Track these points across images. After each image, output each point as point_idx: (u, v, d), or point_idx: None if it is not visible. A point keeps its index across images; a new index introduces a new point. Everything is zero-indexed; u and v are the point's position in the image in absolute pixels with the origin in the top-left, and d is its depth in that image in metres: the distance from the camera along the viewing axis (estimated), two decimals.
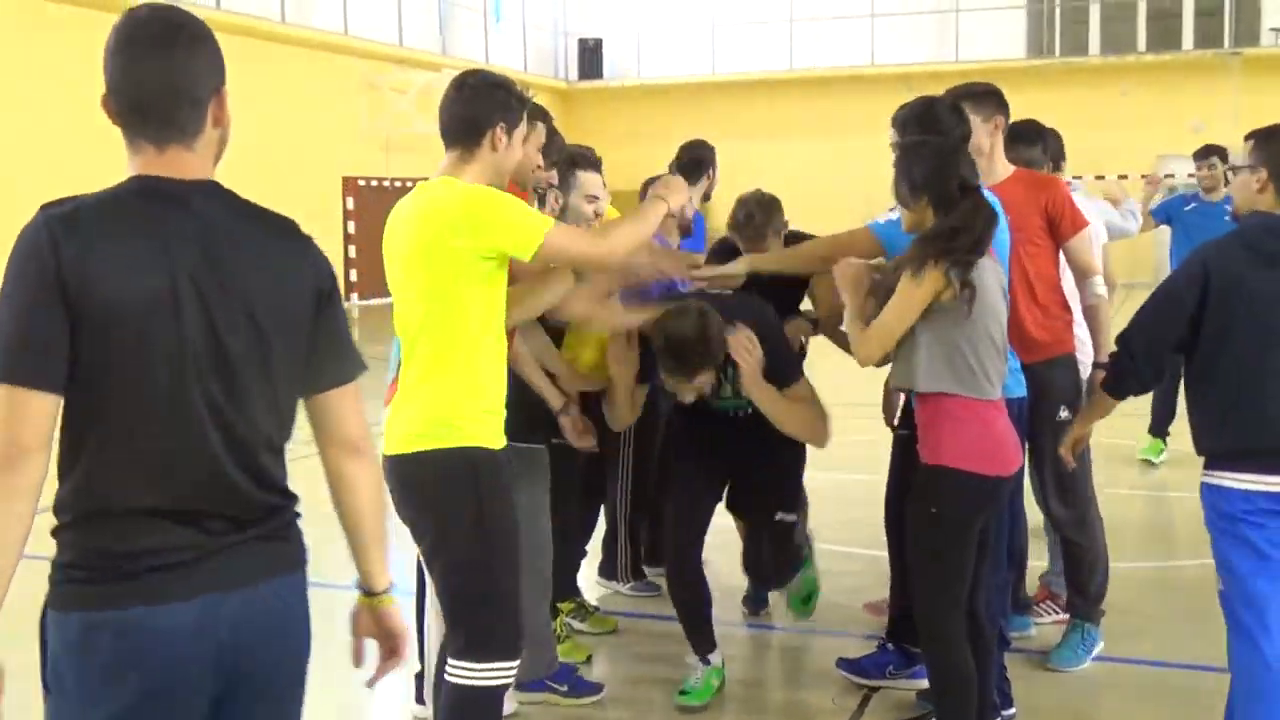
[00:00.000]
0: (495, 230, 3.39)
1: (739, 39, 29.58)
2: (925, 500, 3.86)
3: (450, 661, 3.47)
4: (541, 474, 4.57)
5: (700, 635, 4.83)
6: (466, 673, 3.44)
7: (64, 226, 2.12)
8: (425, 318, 3.44)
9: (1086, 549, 5.05)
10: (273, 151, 21.41)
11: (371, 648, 2.58)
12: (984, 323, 3.79)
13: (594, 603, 5.80)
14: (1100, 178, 26.48)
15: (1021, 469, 4.08)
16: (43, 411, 2.09)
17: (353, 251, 23.08)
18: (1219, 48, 27.24)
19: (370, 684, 2.59)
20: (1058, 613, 5.58)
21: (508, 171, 3.65)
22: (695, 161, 5.92)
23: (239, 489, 2.24)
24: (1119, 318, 4.31)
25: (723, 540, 5.39)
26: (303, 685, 2.41)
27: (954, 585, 3.87)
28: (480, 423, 3.43)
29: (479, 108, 3.55)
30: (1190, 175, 11.29)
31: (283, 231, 2.40)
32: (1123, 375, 3.88)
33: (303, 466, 2.74)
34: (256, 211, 2.37)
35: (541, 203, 4.78)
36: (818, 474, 7.70)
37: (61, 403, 2.12)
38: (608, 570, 6.14)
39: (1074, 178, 6.46)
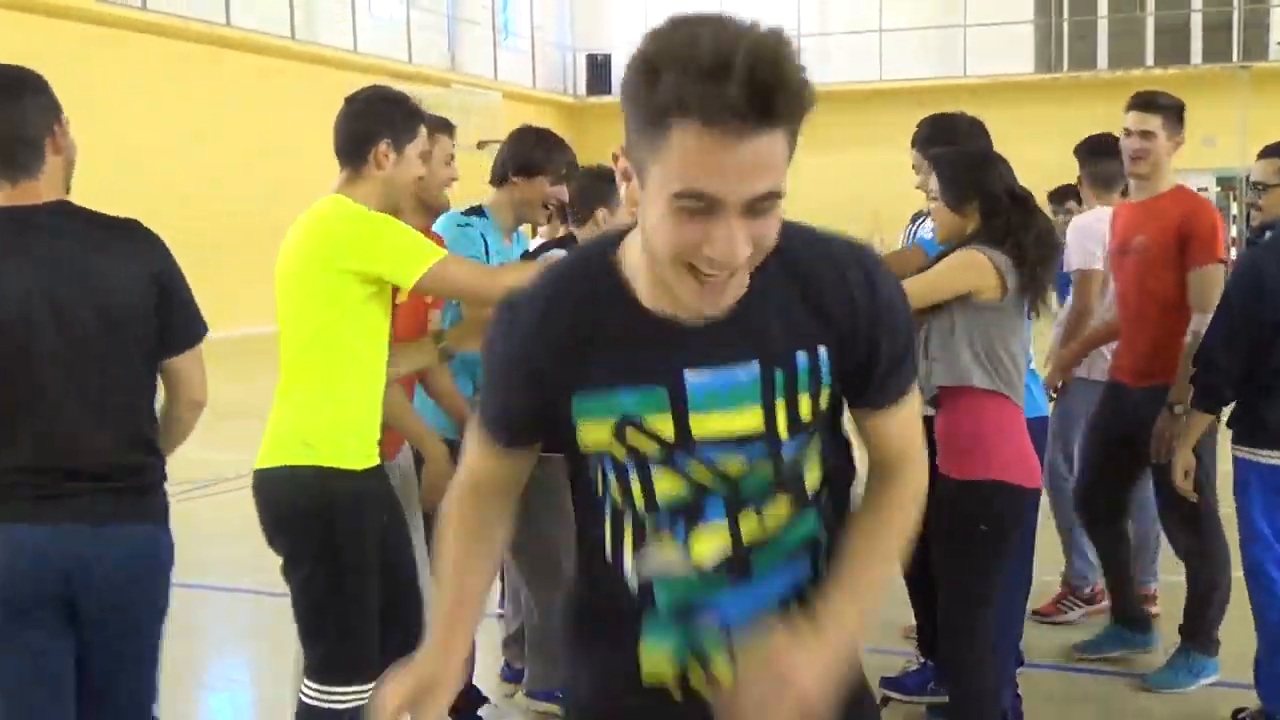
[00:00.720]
0: (378, 255, 3.20)
1: None
2: (970, 518, 3.71)
3: (304, 680, 3.39)
4: (554, 484, 4.53)
5: None
6: (315, 694, 3.34)
7: None
8: (296, 335, 3.30)
9: (1205, 577, 4.85)
10: (281, 167, 21.49)
11: None
12: (1020, 329, 3.77)
13: None
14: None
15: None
16: None
17: None
18: (1227, 61, 27.25)
19: None
20: (1079, 607, 5.60)
21: (404, 188, 3.48)
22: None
23: (103, 450, 2.84)
24: None
25: None
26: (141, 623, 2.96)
27: (993, 602, 3.80)
28: (340, 444, 3.25)
29: (364, 124, 3.38)
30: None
31: (123, 233, 2.94)
32: (1212, 389, 4.00)
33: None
34: (100, 220, 2.92)
35: (566, 218, 4.77)
36: None
37: None
38: None
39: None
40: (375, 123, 3.36)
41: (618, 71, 27.49)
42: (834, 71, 29.44)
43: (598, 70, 31.39)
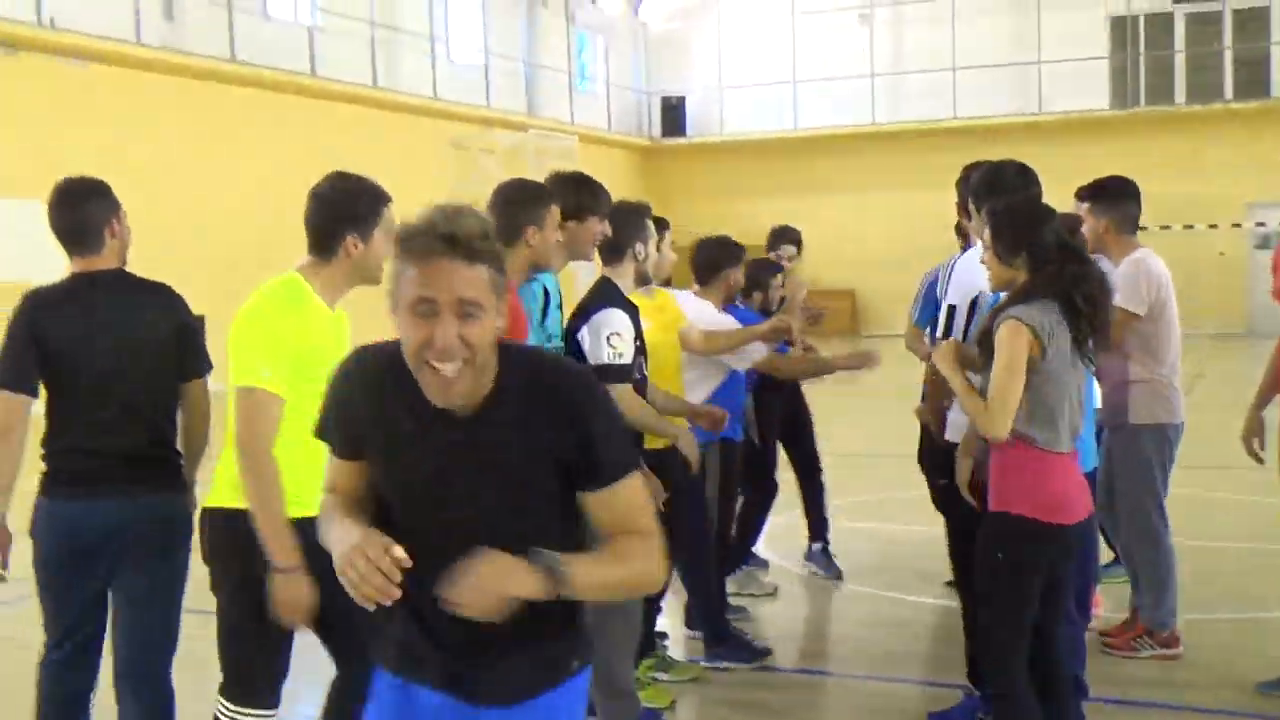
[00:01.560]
0: (231, 347, 3.60)
1: (820, 94, 29.79)
2: (990, 546, 3.98)
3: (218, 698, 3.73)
4: None
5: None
6: (229, 712, 3.70)
7: (34, 300, 4.07)
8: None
9: None
10: None
11: None
12: (1066, 377, 3.91)
13: (676, 651, 5.87)
14: (1189, 227, 26.27)
15: (1088, 521, 4.13)
16: (24, 404, 3.92)
17: None
18: None
19: None
20: (1154, 649, 5.61)
21: (375, 270, 3.75)
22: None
23: (131, 444, 3.98)
24: (1211, 365, 4.35)
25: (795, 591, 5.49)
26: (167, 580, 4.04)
27: (1018, 630, 3.96)
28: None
29: (333, 215, 3.81)
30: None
31: (156, 293, 4.24)
32: None
33: None
34: (142, 283, 4.23)
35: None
36: (883, 525, 7.82)
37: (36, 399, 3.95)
38: (688, 618, 6.22)
39: (1161, 227, 6.48)
40: (347, 214, 3.81)
41: (692, 113, 28.03)
42: (907, 110, 29.50)
43: (672, 113, 31.70)
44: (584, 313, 4.62)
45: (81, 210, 4.18)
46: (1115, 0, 28.07)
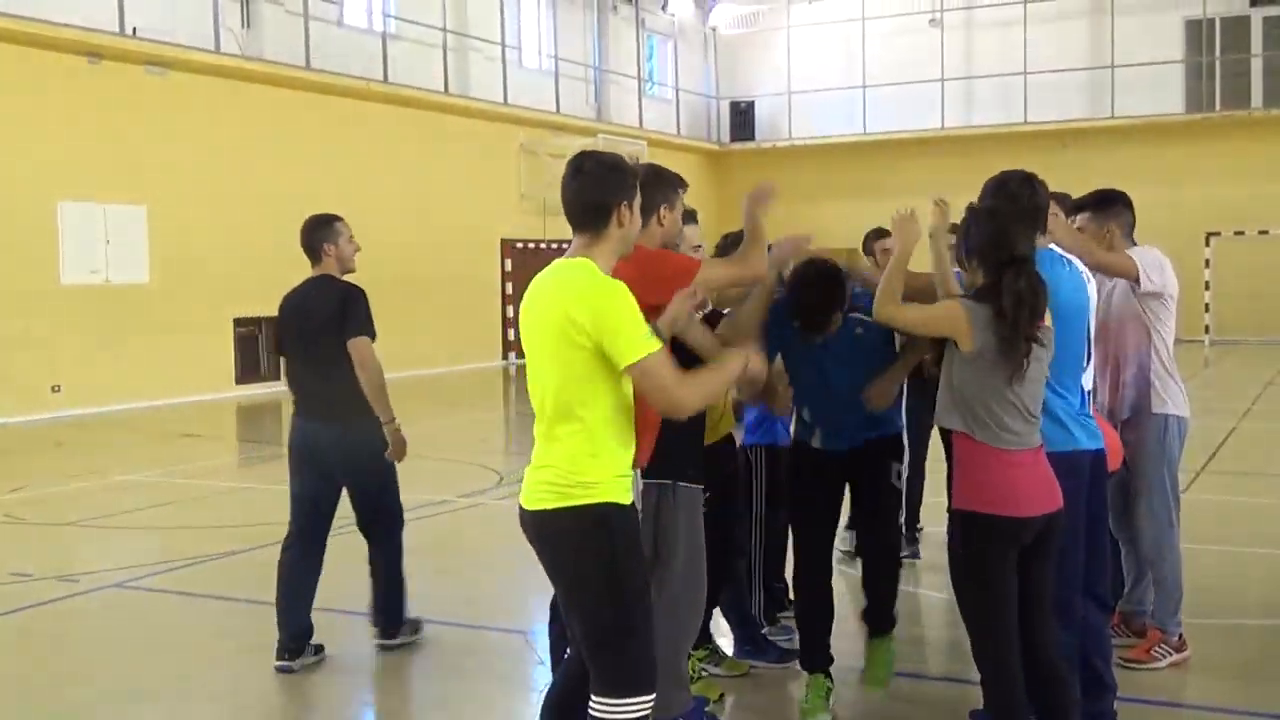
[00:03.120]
0: (608, 333, 3.54)
1: (889, 99, 29.70)
2: (954, 544, 4.16)
3: (593, 698, 3.68)
4: (698, 514, 4.77)
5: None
6: (607, 708, 3.64)
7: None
8: (557, 391, 3.63)
9: None
10: (436, 215, 22.28)
11: None
12: (1000, 374, 4.01)
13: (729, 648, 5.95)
14: (1264, 232, 25.87)
15: (1054, 515, 4.10)
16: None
17: (510, 311, 23.75)
18: None
19: None
20: (1171, 654, 5.56)
21: (633, 242, 3.86)
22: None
23: (321, 388, 6.02)
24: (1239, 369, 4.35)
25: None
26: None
27: (995, 625, 4.04)
28: (612, 483, 3.63)
29: (604, 190, 3.78)
30: None
31: (331, 283, 6.10)
32: None
33: None
34: (328, 280, 6.14)
35: None
36: (929, 528, 7.82)
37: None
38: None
39: (1235, 233, 6.41)
40: (614, 188, 3.81)
41: (761, 118, 28.06)
42: (979, 114, 29.33)
43: (740, 117, 31.75)
44: None
45: (310, 236, 6.17)
46: (1191, 3, 27.72)
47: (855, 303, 5.16)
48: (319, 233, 6.14)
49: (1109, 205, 5.67)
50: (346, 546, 6.49)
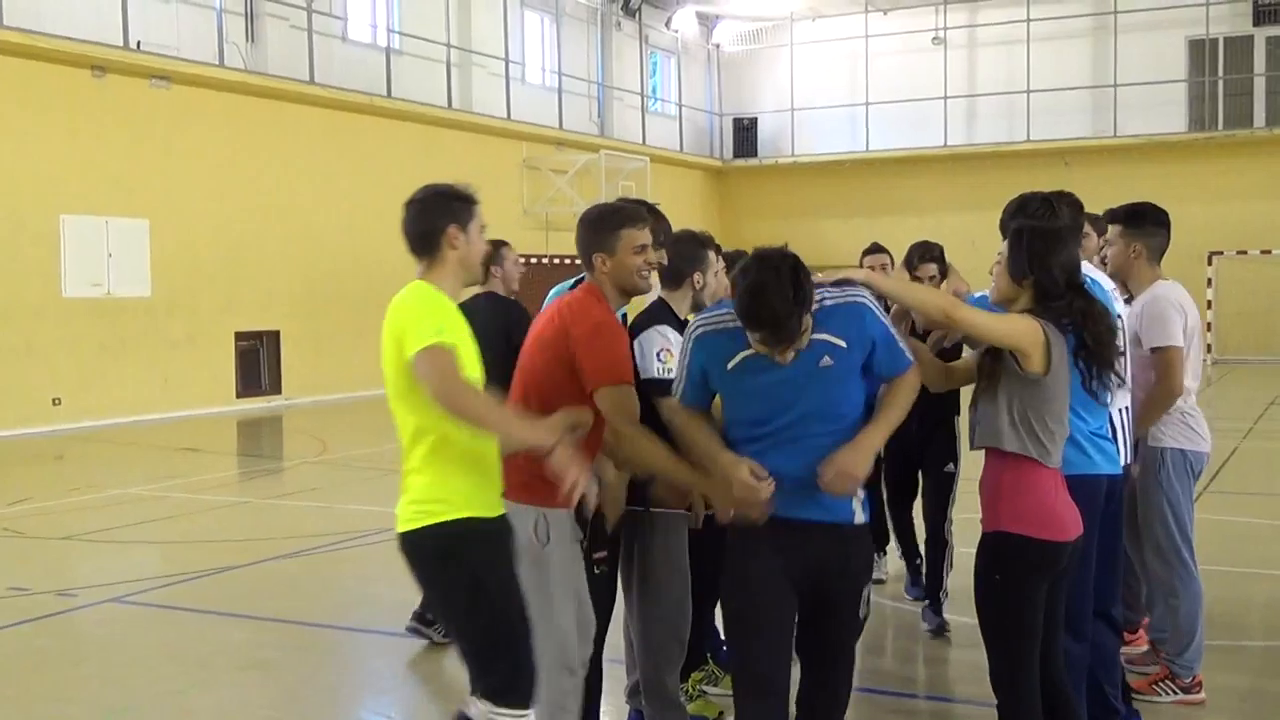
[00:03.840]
0: (405, 332, 3.71)
1: (892, 116, 29.73)
2: (987, 567, 4.01)
3: (477, 701, 3.77)
4: (679, 538, 4.76)
5: None
6: (492, 714, 3.75)
7: None
8: (406, 414, 3.76)
9: None
10: None
11: None
12: (1063, 396, 3.97)
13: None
14: (1266, 251, 25.87)
15: (1081, 539, 4.05)
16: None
17: None
18: None
19: None
20: (1177, 694, 5.38)
21: (474, 263, 3.99)
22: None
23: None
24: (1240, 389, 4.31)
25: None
26: None
27: (1022, 651, 3.96)
28: (471, 499, 3.73)
29: (430, 218, 3.96)
30: None
31: (496, 300, 6.24)
32: None
33: None
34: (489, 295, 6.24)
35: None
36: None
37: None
38: None
39: (1238, 252, 6.28)
40: (443, 214, 3.98)
41: (764, 135, 28.10)
42: (981, 133, 29.35)
43: (743, 134, 31.79)
44: (636, 329, 4.72)
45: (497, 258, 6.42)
46: (1194, 23, 27.76)
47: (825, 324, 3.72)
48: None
49: (1139, 222, 5.39)
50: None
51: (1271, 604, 7.35)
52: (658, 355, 4.61)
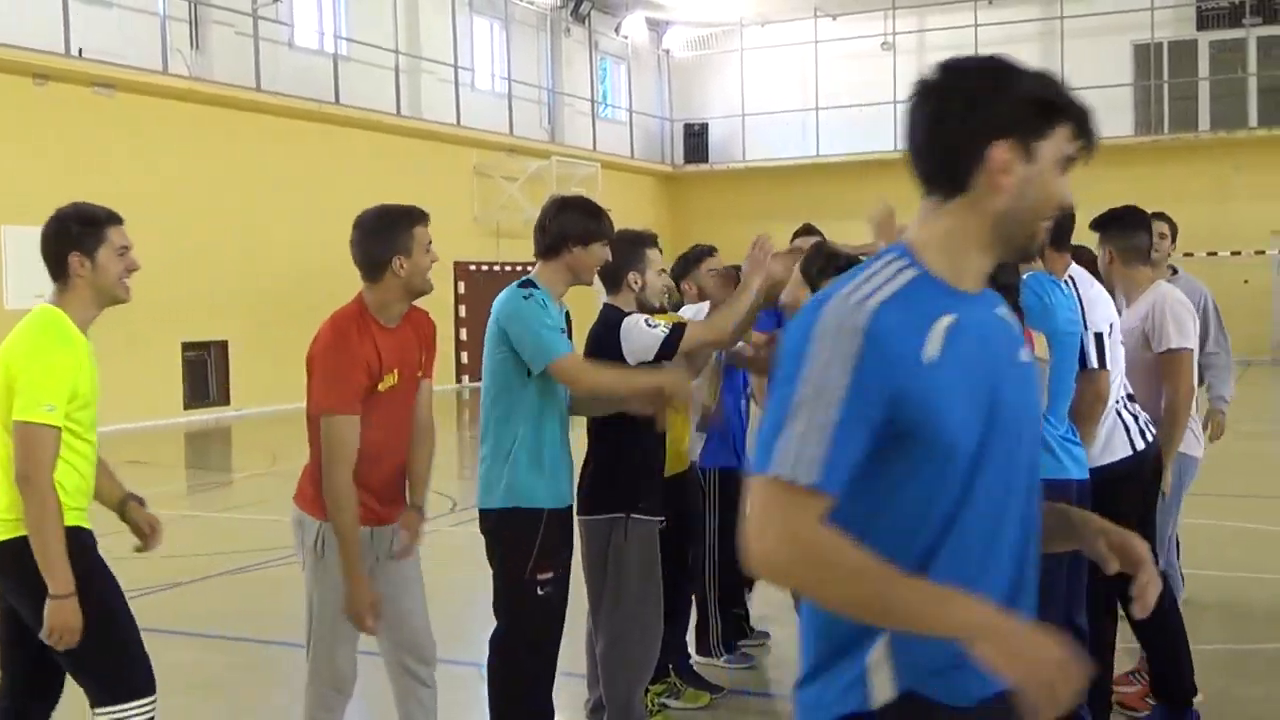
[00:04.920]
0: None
1: (842, 121, 29.82)
2: None
3: (95, 712, 3.80)
4: (652, 549, 4.66)
5: None
6: (111, 715, 3.81)
7: None
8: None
9: None
10: None
11: None
12: None
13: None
14: (1213, 254, 26.14)
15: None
16: None
17: (464, 334, 23.59)
18: None
19: None
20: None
21: (108, 288, 4.14)
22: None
23: None
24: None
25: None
26: None
27: None
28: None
29: (56, 244, 4.16)
30: None
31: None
32: None
33: None
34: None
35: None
36: None
37: None
38: (701, 645, 6.16)
39: (1185, 255, 6.27)
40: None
41: (714, 140, 28.06)
42: None
43: (694, 139, 31.78)
44: (599, 341, 4.61)
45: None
46: (1139, 27, 28.04)
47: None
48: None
49: (1104, 226, 5.39)
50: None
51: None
52: (646, 323, 4.52)
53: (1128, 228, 5.38)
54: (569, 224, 4.45)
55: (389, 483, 4.22)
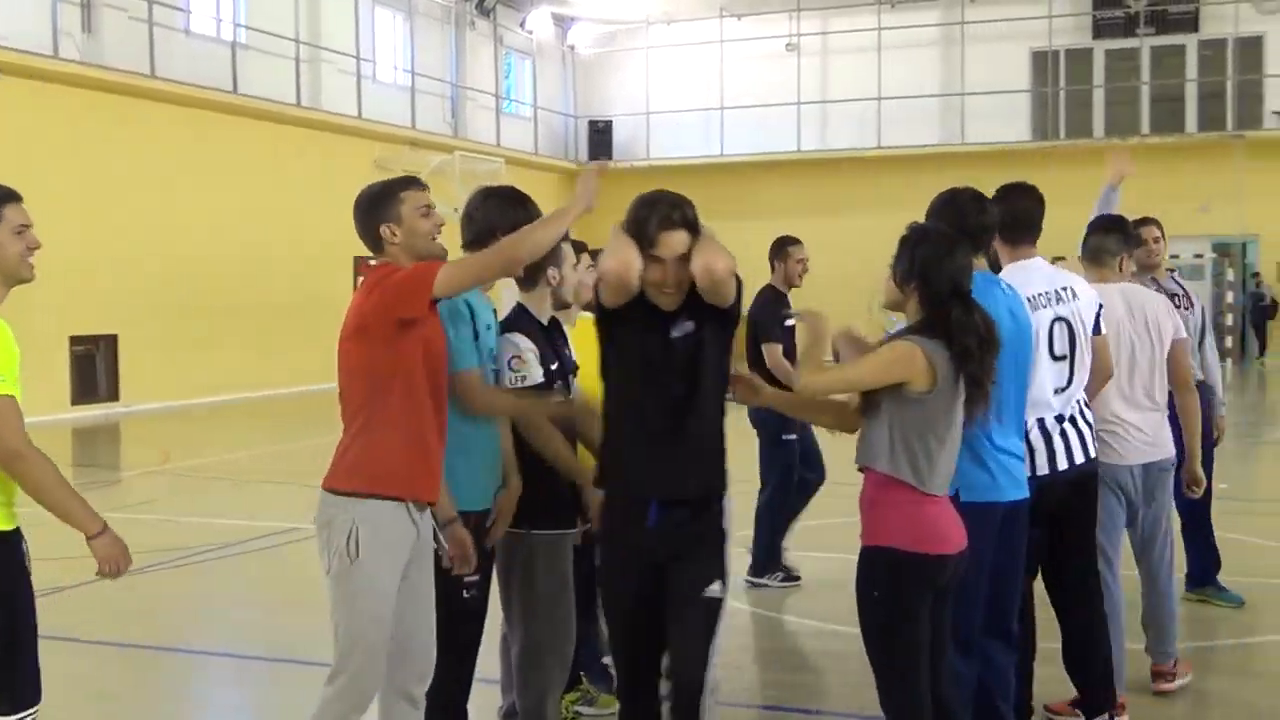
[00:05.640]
0: None
1: (747, 122, 29.96)
2: (865, 582, 3.88)
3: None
4: (563, 555, 4.56)
5: None
6: None
7: None
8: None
9: None
10: (286, 230, 21.66)
11: None
12: (948, 414, 3.82)
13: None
14: None
15: (963, 554, 3.89)
16: None
17: None
18: (1222, 130, 27.51)
19: None
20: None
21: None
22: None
23: None
24: None
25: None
26: None
27: (909, 670, 3.84)
28: None
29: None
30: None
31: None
32: None
33: None
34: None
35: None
36: (832, 556, 7.75)
37: None
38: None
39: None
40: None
41: (619, 137, 28.08)
42: (834, 138, 29.73)
43: (599, 137, 31.68)
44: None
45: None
46: (1037, 35, 28.55)
47: None
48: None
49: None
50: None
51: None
52: (509, 364, 4.41)
53: (1093, 231, 5.67)
54: (496, 213, 4.35)
55: (440, 455, 3.97)
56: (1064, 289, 4.74)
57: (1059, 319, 4.68)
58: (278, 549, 8.99)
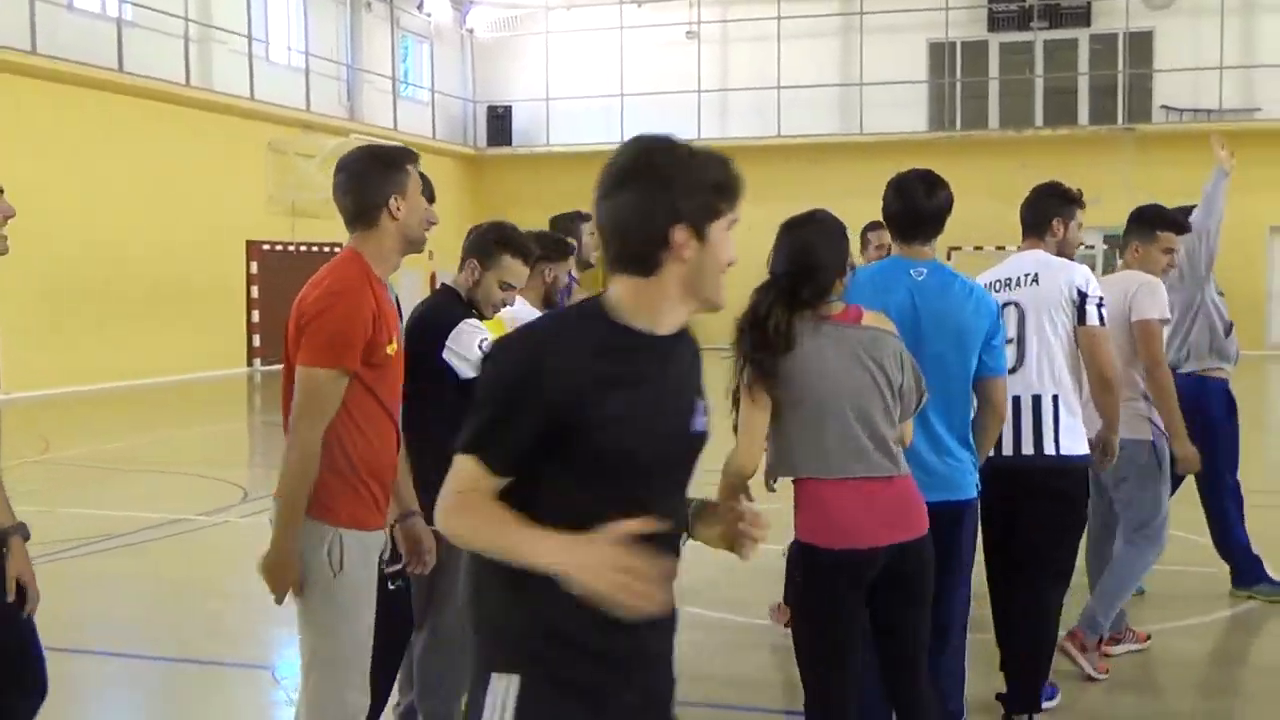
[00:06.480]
0: None
1: (647, 108, 29.89)
2: (788, 574, 3.95)
3: None
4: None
5: None
6: None
7: None
8: None
9: None
10: (177, 215, 21.11)
11: None
12: (821, 401, 3.73)
13: None
14: (1000, 248, 27.07)
15: (896, 549, 3.75)
16: None
17: (256, 316, 22.76)
18: (1113, 124, 28.08)
19: None
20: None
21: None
22: (558, 242, 5.52)
23: None
24: None
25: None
26: None
27: (829, 656, 3.79)
28: None
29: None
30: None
31: None
32: None
33: None
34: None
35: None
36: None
37: None
38: None
39: (975, 248, 6.31)
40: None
41: (518, 123, 27.74)
42: (734, 127, 29.81)
43: (498, 122, 31.43)
44: (436, 329, 4.35)
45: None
46: (934, 26, 28.89)
47: None
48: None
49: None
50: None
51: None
52: (480, 346, 4.25)
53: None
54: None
55: (391, 475, 3.68)
56: (1025, 275, 4.99)
57: (1010, 303, 4.90)
58: (165, 540, 8.75)
